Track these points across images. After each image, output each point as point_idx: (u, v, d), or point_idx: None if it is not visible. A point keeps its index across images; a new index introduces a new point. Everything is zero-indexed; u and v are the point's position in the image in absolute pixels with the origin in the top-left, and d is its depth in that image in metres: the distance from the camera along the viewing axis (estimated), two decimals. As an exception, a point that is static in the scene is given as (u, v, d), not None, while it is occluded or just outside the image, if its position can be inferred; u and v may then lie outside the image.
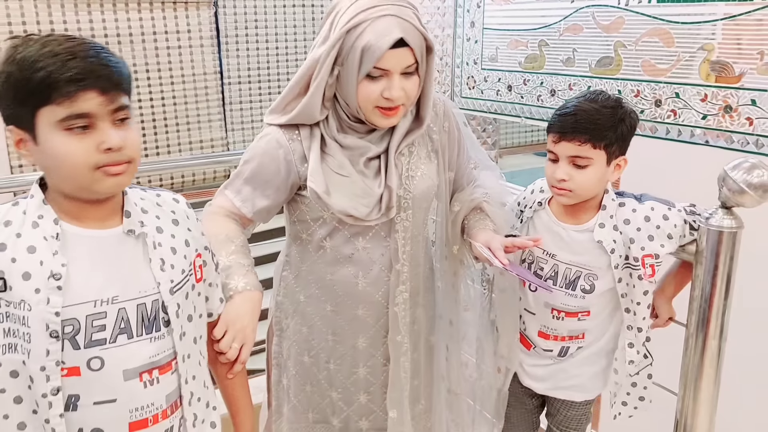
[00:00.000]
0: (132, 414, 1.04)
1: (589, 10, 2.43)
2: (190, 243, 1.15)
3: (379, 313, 1.49)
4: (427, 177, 1.45)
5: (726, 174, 1.30)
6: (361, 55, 1.25)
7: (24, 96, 0.93)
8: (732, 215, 1.35)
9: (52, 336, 0.97)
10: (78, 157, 0.95)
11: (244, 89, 3.45)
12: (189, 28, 3.25)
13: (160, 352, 1.07)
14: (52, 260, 0.98)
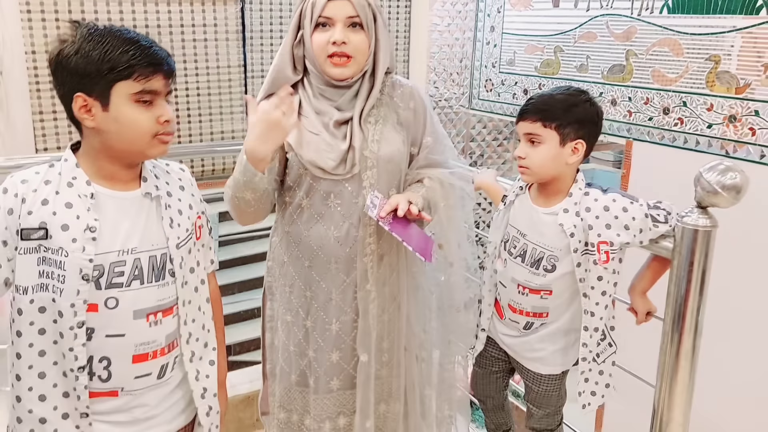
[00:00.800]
0: (136, 348, 1.23)
1: (603, 18, 2.53)
2: (193, 206, 1.35)
3: (349, 267, 1.64)
4: (392, 142, 1.61)
5: (701, 175, 1.39)
6: (311, 10, 1.52)
7: (106, 70, 1.14)
8: (707, 215, 1.42)
9: (83, 279, 1.16)
10: (143, 124, 1.18)
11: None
12: (216, 22, 3.38)
13: (165, 297, 1.26)
14: (86, 215, 1.18)
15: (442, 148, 1.71)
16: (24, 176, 1.20)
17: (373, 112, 1.61)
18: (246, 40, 3.35)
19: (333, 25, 1.51)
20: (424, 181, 1.66)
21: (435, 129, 1.71)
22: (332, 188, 1.59)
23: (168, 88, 1.22)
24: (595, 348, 1.61)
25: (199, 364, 1.36)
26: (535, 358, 1.70)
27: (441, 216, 1.68)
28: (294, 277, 1.70)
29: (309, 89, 1.60)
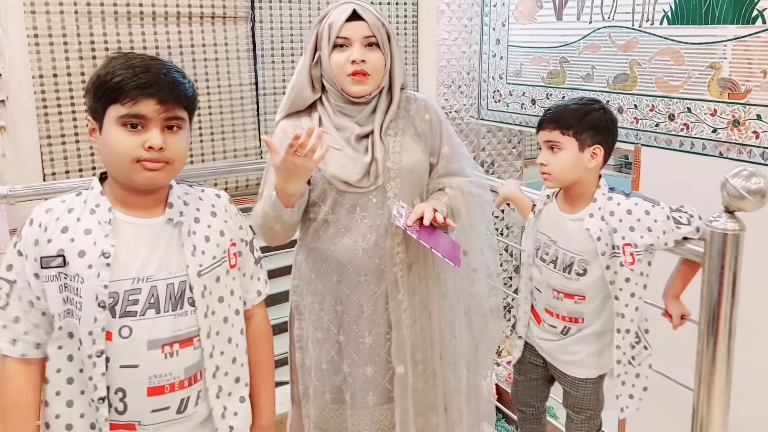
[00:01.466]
0: (151, 380, 1.19)
1: (606, 30, 2.67)
2: (225, 233, 1.31)
3: (379, 279, 1.67)
4: (413, 153, 1.68)
5: (727, 181, 1.46)
6: (329, 31, 1.59)
7: (101, 94, 1.16)
8: (734, 219, 1.47)
9: (99, 306, 1.15)
10: (124, 148, 1.15)
11: (279, 100, 3.63)
12: (227, 41, 3.46)
13: (182, 327, 1.22)
14: (103, 241, 1.17)
15: (459, 157, 1.77)
16: (49, 205, 1.22)
17: (392, 125, 1.67)
18: (257, 58, 3.46)
19: (350, 45, 1.59)
20: (445, 189, 1.72)
21: (451, 139, 1.77)
22: (357, 201, 1.64)
23: (167, 114, 1.17)
24: (630, 351, 1.67)
25: (228, 401, 1.30)
26: (572, 361, 1.76)
27: (464, 223, 1.73)
28: (323, 293, 1.72)
29: (328, 107, 1.66)
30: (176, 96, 1.18)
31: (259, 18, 3.43)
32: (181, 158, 1.22)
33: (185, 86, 1.21)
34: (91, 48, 3.13)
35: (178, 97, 1.18)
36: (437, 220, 1.57)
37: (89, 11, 3.10)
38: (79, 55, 3.09)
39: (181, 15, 3.31)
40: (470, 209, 1.75)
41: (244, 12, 3.40)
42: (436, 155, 1.75)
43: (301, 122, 1.67)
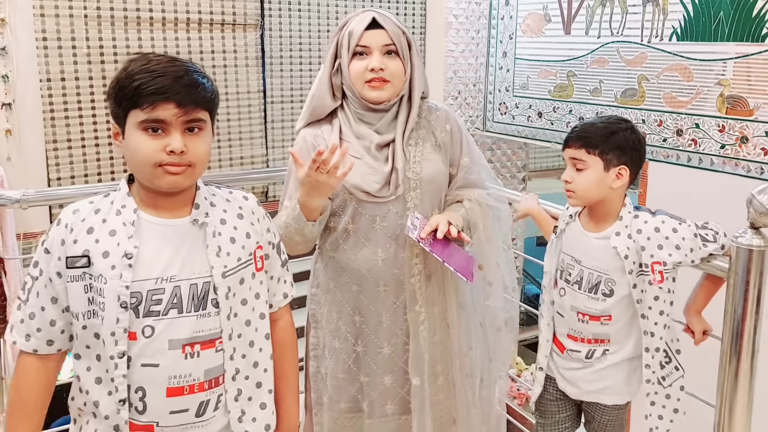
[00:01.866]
0: (171, 380, 1.18)
1: (614, 45, 2.70)
2: (251, 235, 1.29)
3: (398, 289, 1.66)
4: (433, 163, 1.67)
5: (753, 197, 1.45)
6: (348, 40, 1.59)
7: (122, 99, 1.16)
8: (760, 235, 1.46)
9: (122, 306, 1.15)
10: (146, 152, 1.15)
11: (286, 108, 3.69)
12: (236, 48, 3.48)
13: (204, 329, 1.20)
14: (127, 242, 1.17)
15: (478, 169, 1.76)
16: (76, 206, 1.23)
17: (413, 134, 1.67)
18: (265, 66, 3.49)
19: (370, 53, 1.59)
20: (463, 202, 1.71)
21: (471, 150, 1.76)
22: (377, 211, 1.63)
23: (187, 117, 1.16)
24: (659, 370, 1.64)
25: (247, 405, 1.29)
26: (600, 389, 1.71)
27: (480, 236, 1.72)
28: (342, 302, 1.71)
29: (349, 114, 1.66)
30: (195, 98, 1.17)
31: (269, 26, 3.45)
32: (203, 160, 1.21)
33: (204, 87, 1.19)
34: (100, 52, 3.14)
35: (197, 99, 1.17)
36: (451, 234, 1.56)
37: (99, 15, 3.11)
38: (88, 59, 3.10)
39: (191, 21, 3.32)
40: (487, 222, 1.74)
41: (253, 20, 3.43)
42: (455, 166, 1.73)
43: (321, 131, 1.67)
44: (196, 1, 3.33)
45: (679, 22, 2.47)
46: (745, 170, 2.25)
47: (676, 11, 2.50)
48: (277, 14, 3.54)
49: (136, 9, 3.21)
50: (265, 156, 3.61)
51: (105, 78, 3.21)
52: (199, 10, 3.34)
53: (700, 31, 2.41)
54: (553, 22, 3.02)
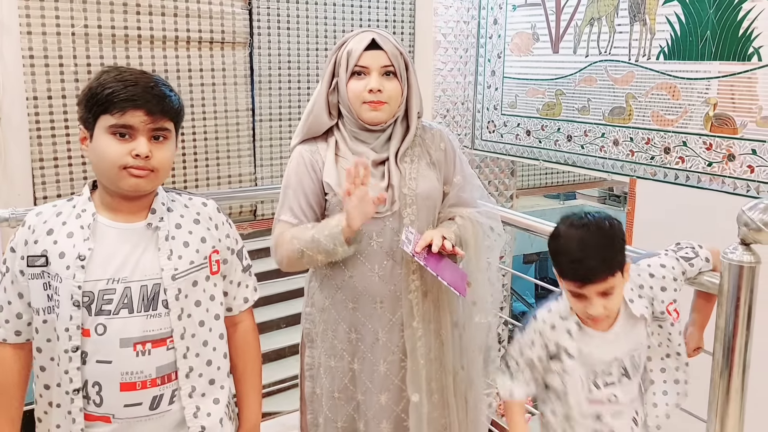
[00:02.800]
0: (123, 376, 1.25)
1: (602, 64, 2.73)
2: (207, 240, 1.37)
3: (395, 306, 1.67)
4: (429, 179, 1.68)
5: (744, 213, 1.45)
6: (347, 59, 1.61)
7: (93, 104, 1.23)
8: (751, 251, 1.47)
9: (74, 305, 1.23)
10: (112, 155, 1.23)
11: (275, 126, 3.70)
12: (224, 66, 3.49)
13: (154, 328, 1.27)
14: (82, 245, 1.25)
15: (471, 188, 1.78)
16: (40, 209, 1.32)
17: (408, 152, 1.69)
18: (254, 84, 3.50)
19: (368, 73, 1.60)
20: (455, 219, 1.72)
21: (464, 169, 1.77)
22: (374, 227, 1.63)
23: (154, 125, 1.25)
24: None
25: (201, 401, 1.35)
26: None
27: (470, 254, 1.72)
28: (337, 320, 1.71)
29: (345, 133, 1.68)
30: (163, 108, 1.26)
31: (258, 44, 3.46)
32: (166, 167, 1.29)
33: (172, 99, 1.28)
34: (88, 71, 3.14)
35: (165, 109, 1.26)
36: (446, 248, 1.57)
37: (86, 33, 3.11)
38: (75, 77, 3.10)
39: (179, 39, 3.33)
40: (478, 240, 1.74)
41: (242, 38, 3.44)
42: (449, 184, 1.75)
43: (317, 147, 1.69)
44: (184, 20, 3.33)
45: (667, 41, 2.50)
46: (732, 188, 2.27)
47: (663, 30, 2.53)
48: (266, 32, 3.56)
49: (124, 27, 3.22)
50: (253, 174, 3.61)
51: (92, 96, 3.20)
52: (187, 28, 3.35)
53: (687, 50, 2.44)
54: (541, 41, 3.05)
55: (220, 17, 3.43)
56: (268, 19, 3.56)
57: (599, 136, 2.76)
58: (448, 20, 3.43)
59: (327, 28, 3.72)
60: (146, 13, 3.27)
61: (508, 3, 3.23)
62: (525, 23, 3.14)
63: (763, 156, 2.19)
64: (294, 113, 3.71)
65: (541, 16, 3.04)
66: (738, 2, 2.29)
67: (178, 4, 3.31)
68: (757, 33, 2.24)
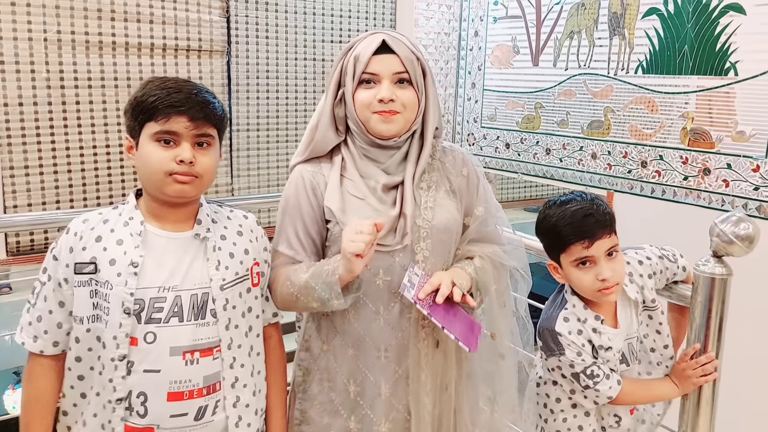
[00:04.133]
0: (171, 385, 1.29)
1: (582, 77, 2.77)
2: (249, 252, 1.43)
3: (401, 356, 1.48)
4: (447, 210, 1.49)
5: (716, 226, 1.49)
6: (354, 66, 1.43)
7: (138, 113, 1.29)
8: (722, 264, 1.50)
9: (125, 312, 1.26)
10: (157, 161, 1.28)
11: (252, 136, 3.71)
12: (201, 75, 3.50)
13: (203, 337, 1.32)
14: (133, 252, 1.29)
15: (494, 220, 1.59)
16: (86, 216, 1.35)
17: (425, 177, 1.50)
18: (231, 93, 3.53)
19: (378, 81, 1.42)
20: (474, 259, 1.52)
21: (487, 198, 1.59)
22: (380, 262, 1.44)
23: (197, 131, 1.29)
24: None
25: (244, 412, 1.38)
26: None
27: (492, 301, 1.55)
28: (335, 369, 1.52)
29: (354, 150, 1.49)
30: (206, 114, 1.29)
31: (236, 53, 3.49)
32: (210, 173, 1.34)
33: (215, 105, 1.33)
34: (60, 77, 3.13)
35: (208, 115, 1.30)
36: (454, 297, 1.38)
37: (59, 39, 3.12)
38: (47, 84, 3.10)
39: (155, 47, 3.34)
40: (501, 285, 1.55)
41: (220, 46, 3.46)
42: (470, 216, 1.56)
43: (321, 168, 1.51)
44: (160, 27, 3.35)
45: (645, 55, 2.55)
46: (707, 201, 2.31)
47: (642, 45, 2.57)
48: (244, 41, 3.58)
49: (98, 33, 3.22)
50: (229, 185, 3.62)
51: (65, 104, 3.19)
52: (163, 35, 3.36)
53: (665, 64, 2.48)
54: (521, 54, 3.09)
55: (198, 25, 3.45)
56: (246, 27, 3.58)
57: (577, 149, 2.80)
58: (429, 32, 3.47)
59: (306, 38, 3.75)
60: (121, 19, 3.28)
61: (489, 15, 3.27)
62: (506, 36, 3.18)
63: (738, 170, 2.23)
64: (272, 123, 3.74)
65: (521, 29, 3.08)
66: (716, 17, 2.33)
67: (155, 11, 3.33)
68: (734, 48, 2.28)
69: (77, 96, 3.25)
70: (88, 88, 3.28)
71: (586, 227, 1.45)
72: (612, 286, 1.47)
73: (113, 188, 3.35)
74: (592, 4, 2.74)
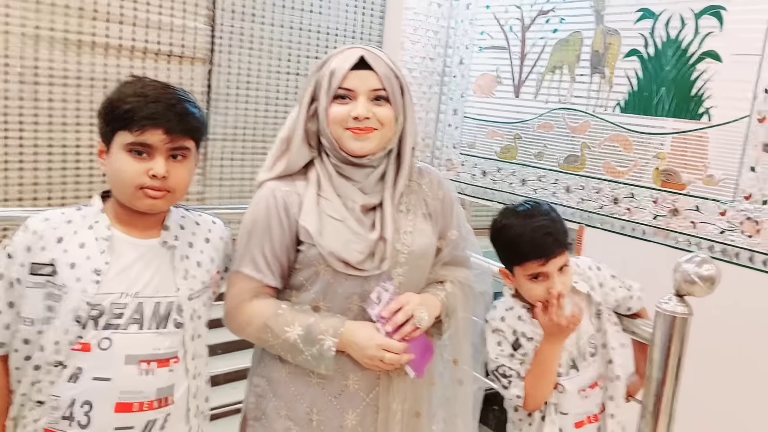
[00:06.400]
0: (121, 396, 1.25)
1: (561, 112, 2.89)
2: (215, 260, 1.41)
3: (370, 383, 1.44)
4: (425, 235, 1.48)
5: (680, 265, 1.53)
6: (329, 79, 1.38)
7: (112, 119, 1.25)
8: (684, 303, 1.52)
9: (76, 320, 1.23)
10: (129, 174, 1.24)
11: (227, 146, 3.72)
12: (181, 81, 3.50)
13: (162, 347, 1.28)
14: (98, 257, 1.26)
15: (465, 245, 1.60)
16: (47, 215, 1.30)
17: (403, 200, 1.47)
18: (210, 101, 3.57)
19: (354, 98, 1.38)
20: (445, 284, 1.52)
21: (460, 223, 1.59)
22: (355, 288, 1.40)
23: (173, 144, 1.24)
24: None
25: (202, 422, 1.40)
26: None
27: (458, 326, 1.55)
28: (296, 397, 1.44)
29: (329, 167, 1.44)
30: (183, 127, 1.26)
31: (218, 61, 3.53)
32: (183, 187, 1.30)
33: (194, 116, 1.28)
34: (35, 73, 3.13)
35: (186, 128, 1.26)
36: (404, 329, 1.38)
37: (37, 35, 3.11)
38: (20, 80, 3.10)
39: (136, 49, 3.35)
40: (468, 311, 1.56)
41: (202, 54, 3.49)
42: (443, 239, 1.55)
43: (295, 186, 1.44)
44: (143, 30, 3.36)
45: (624, 94, 2.67)
46: (675, 242, 2.42)
47: (621, 84, 2.70)
48: (227, 50, 3.61)
49: (78, 32, 3.22)
50: (201, 194, 3.63)
51: (37, 100, 3.20)
52: (145, 39, 3.38)
53: (642, 105, 2.60)
54: (503, 84, 3.20)
55: (182, 31, 3.47)
56: (231, 37, 3.62)
57: (552, 182, 2.91)
58: (414, 55, 3.57)
59: (291, 52, 3.80)
60: (103, 19, 3.27)
61: (475, 44, 3.39)
62: (490, 65, 3.30)
63: (706, 213, 2.35)
64: (248, 134, 3.76)
65: (506, 60, 3.20)
66: (693, 63, 2.47)
67: (138, 14, 3.34)
68: (708, 94, 2.41)
69: (51, 93, 3.24)
70: (63, 86, 3.27)
71: (546, 246, 1.53)
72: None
73: (80, 189, 3.34)
74: (576, 41, 2.87)
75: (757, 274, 2.23)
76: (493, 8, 3.26)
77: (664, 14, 2.54)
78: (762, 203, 2.24)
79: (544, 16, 2.99)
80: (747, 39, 2.30)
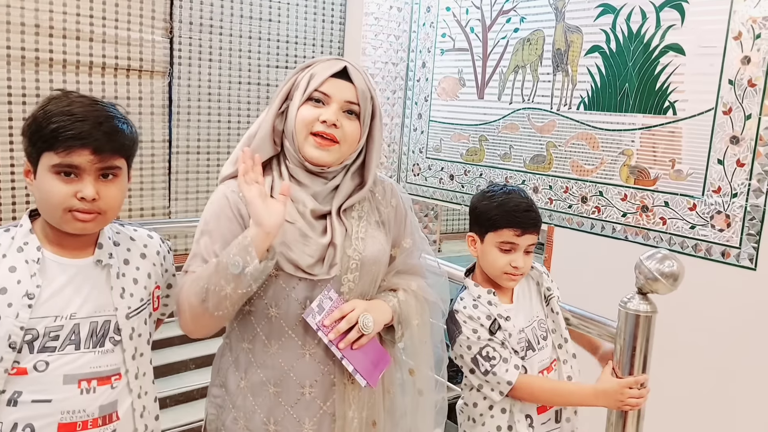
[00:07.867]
0: (63, 416, 1.20)
1: (525, 112, 2.80)
2: (152, 276, 1.35)
3: (327, 392, 1.42)
4: (378, 241, 1.46)
5: (641, 263, 1.49)
6: (308, 80, 1.38)
7: (37, 139, 1.17)
8: (647, 301, 1.50)
9: (10, 346, 1.16)
10: (56, 197, 1.17)
11: (192, 159, 3.63)
12: (141, 95, 3.42)
13: (102, 365, 1.23)
14: (29, 281, 1.18)
15: (419, 253, 1.57)
16: None
17: (356, 206, 1.46)
18: (172, 115, 3.44)
19: (328, 104, 1.37)
20: (398, 292, 1.49)
21: (413, 232, 1.56)
22: (308, 293, 1.37)
23: (102, 164, 1.18)
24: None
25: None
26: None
27: (413, 335, 1.51)
28: (253, 407, 1.42)
29: (284, 170, 1.43)
30: (113, 146, 1.18)
31: (178, 74, 3.41)
32: (115, 208, 1.24)
33: (124, 133, 1.21)
34: (-7, 93, 3.04)
35: (115, 146, 1.19)
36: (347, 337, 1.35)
37: (-7, 54, 3.03)
38: (-24, 98, 3.00)
39: (94, 65, 3.26)
40: (424, 320, 1.51)
41: (162, 67, 3.38)
42: (397, 247, 1.53)
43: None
44: (100, 45, 3.26)
45: (587, 92, 2.59)
46: (645, 239, 2.33)
47: (584, 81, 2.61)
48: (187, 62, 3.51)
49: (35, 49, 3.12)
50: (167, 208, 3.52)
51: (-6, 119, 3.10)
52: (103, 54, 3.28)
53: (607, 101, 2.52)
54: (467, 87, 3.11)
55: (139, 44, 3.38)
56: (190, 49, 3.52)
57: (520, 182, 2.81)
58: (377, 61, 3.47)
59: (251, 62, 3.71)
60: (60, 36, 3.20)
61: (437, 47, 3.30)
62: (452, 68, 3.20)
63: (675, 208, 2.26)
64: (213, 146, 3.67)
65: (468, 62, 3.11)
66: (656, 57, 2.39)
67: (95, 29, 3.25)
68: (672, 88, 2.34)
69: (10, 112, 3.14)
70: (23, 104, 3.18)
71: (525, 219, 1.58)
72: (518, 275, 1.59)
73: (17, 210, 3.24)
74: (537, 39, 2.78)
75: (730, 269, 2.15)
76: (454, 9, 3.17)
77: (624, 8, 2.46)
78: (732, 196, 2.15)
79: (505, 15, 2.90)
80: (709, 30, 2.22)
